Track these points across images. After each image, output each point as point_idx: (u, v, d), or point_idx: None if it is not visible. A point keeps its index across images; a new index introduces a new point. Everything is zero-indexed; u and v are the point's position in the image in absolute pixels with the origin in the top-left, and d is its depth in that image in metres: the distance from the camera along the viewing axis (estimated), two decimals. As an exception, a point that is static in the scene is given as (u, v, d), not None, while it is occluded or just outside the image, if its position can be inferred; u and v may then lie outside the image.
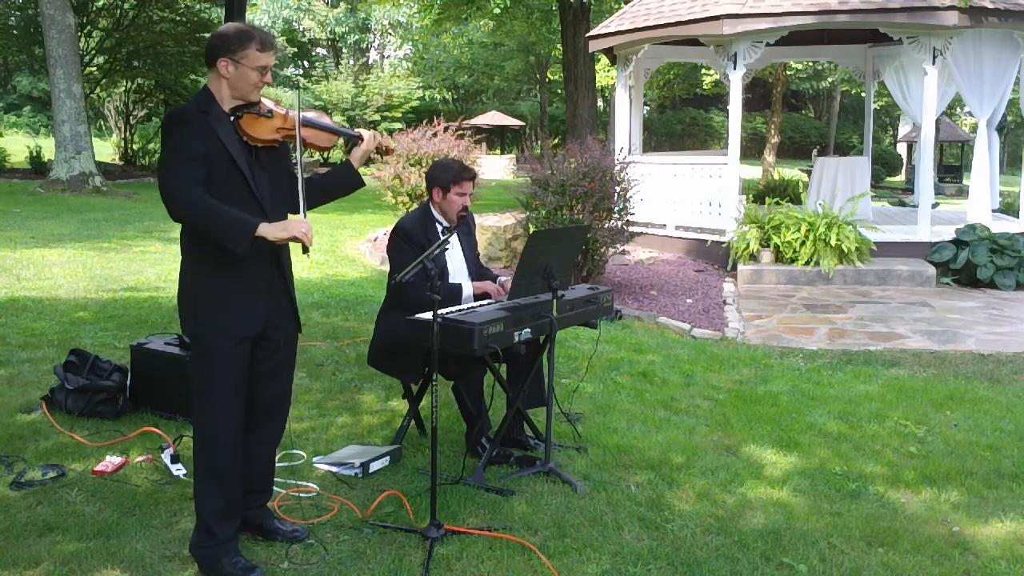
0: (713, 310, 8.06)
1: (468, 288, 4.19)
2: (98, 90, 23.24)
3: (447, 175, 4.17)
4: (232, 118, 2.97)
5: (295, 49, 41.78)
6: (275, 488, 3.43)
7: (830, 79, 36.11)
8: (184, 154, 2.84)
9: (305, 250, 2.95)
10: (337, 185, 3.31)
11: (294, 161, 3.10)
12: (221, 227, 2.83)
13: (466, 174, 4.20)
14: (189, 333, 3.03)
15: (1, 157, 21.26)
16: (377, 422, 4.64)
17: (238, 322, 2.97)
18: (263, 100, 3.07)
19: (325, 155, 3.64)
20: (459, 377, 4.05)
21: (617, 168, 8.40)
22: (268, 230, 2.86)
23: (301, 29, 38.16)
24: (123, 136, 24.71)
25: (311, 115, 3.20)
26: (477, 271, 4.42)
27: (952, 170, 28.97)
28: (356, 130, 3.31)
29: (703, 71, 27.25)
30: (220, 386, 2.97)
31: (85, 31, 21.04)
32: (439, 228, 4.16)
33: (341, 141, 3.37)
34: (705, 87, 30.43)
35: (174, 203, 2.83)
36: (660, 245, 11.25)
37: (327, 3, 38.60)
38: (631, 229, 9.01)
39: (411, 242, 4.04)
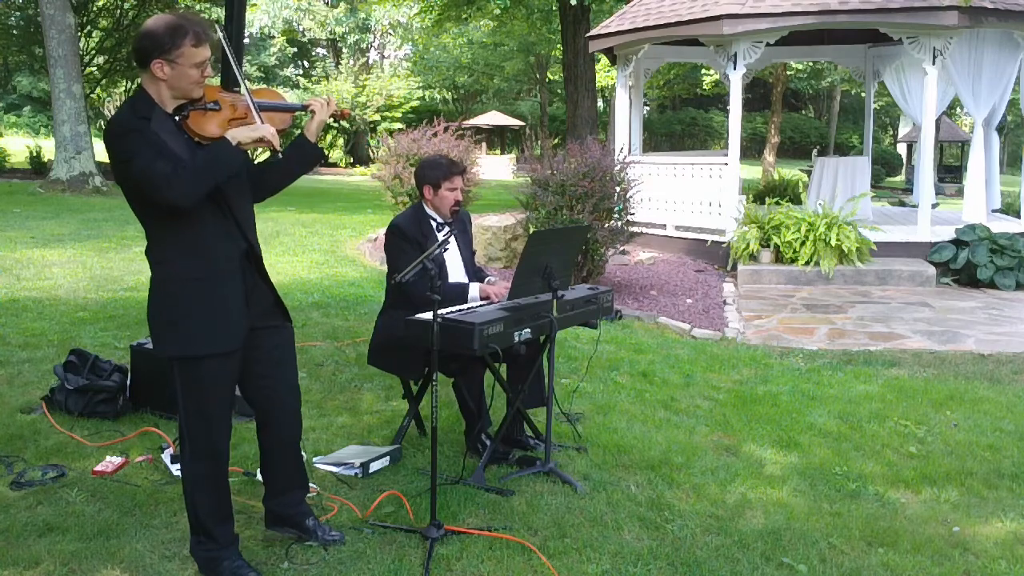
0: (713, 310, 8.06)
1: (475, 290, 4.18)
2: (98, 90, 23.28)
3: (437, 172, 4.16)
4: (177, 119, 2.79)
5: (295, 49, 41.76)
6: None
7: (830, 79, 36.15)
8: (147, 149, 2.65)
9: (274, 151, 2.85)
10: (297, 160, 3.05)
11: (237, 89, 2.94)
12: (218, 169, 2.72)
13: (455, 169, 4.19)
14: (174, 356, 2.87)
15: (1, 157, 21.26)
16: (377, 422, 4.64)
17: (226, 335, 2.86)
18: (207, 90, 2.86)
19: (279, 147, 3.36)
20: (459, 375, 4.04)
21: (617, 168, 8.40)
22: (238, 134, 2.77)
23: (301, 29, 38.16)
24: (123, 136, 24.70)
25: (261, 96, 2.98)
26: (473, 271, 4.41)
27: (952, 170, 28.97)
28: (306, 102, 3.11)
29: (703, 71, 27.31)
30: (216, 403, 2.91)
31: (85, 31, 21.05)
32: (434, 225, 4.17)
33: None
34: (705, 87, 30.51)
35: (170, 191, 2.65)
36: (660, 245, 11.25)
37: (327, 3, 38.56)
38: (631, 229, 9.01)
39: (407, 239, 4.05)
